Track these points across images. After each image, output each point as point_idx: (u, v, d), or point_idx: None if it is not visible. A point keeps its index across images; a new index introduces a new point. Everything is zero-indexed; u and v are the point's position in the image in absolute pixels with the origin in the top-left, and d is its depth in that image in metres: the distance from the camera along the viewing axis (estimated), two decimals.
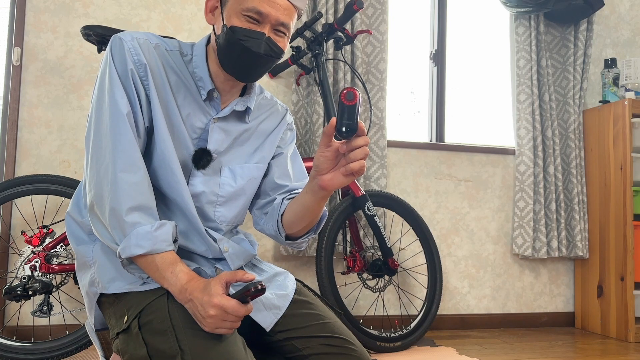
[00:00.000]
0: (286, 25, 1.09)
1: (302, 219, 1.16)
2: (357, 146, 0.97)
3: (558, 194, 3.08)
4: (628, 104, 2.93)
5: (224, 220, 1.19)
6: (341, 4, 2.75)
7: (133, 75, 1.07)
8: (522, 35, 3.12)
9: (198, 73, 1.13)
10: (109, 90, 1.06)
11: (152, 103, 1.08)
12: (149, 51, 1.10)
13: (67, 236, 1.16)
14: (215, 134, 1.15)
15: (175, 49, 1.15)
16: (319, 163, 1.01)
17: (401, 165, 2.97)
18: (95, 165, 1.04)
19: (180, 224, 1.11)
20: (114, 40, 1.08)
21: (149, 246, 0.99)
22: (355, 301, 2.74)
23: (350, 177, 1.00)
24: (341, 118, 0.94)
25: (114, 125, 1.04)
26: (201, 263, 1.14)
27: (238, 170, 1.19)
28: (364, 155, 0.97)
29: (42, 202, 2.26)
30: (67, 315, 2.34)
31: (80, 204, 1.14)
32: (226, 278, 0.96)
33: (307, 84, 2.73)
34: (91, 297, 1.11)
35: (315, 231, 1.23)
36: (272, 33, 1.08)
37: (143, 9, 2.62)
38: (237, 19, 1.06)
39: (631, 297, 2.85)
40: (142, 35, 1.11)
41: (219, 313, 0.92)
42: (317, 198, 1.08)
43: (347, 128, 0.94)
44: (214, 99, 1.15)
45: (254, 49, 1.06)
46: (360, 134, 0.96)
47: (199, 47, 1.16)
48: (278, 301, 1.11)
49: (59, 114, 2.47)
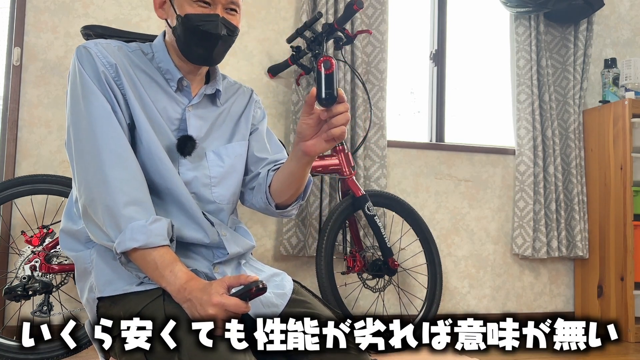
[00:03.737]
0: (236, 3, 1.14)
1: (289, 186, 1.20)
2: (338, 112, 1.00)
3: (558, 194, 3.08)
4: (628, 104, 2.93)
5: (223, 200, 1.21)
6: (341, 4, 2.75)
7: (105, 77, 1.09)
8: (522, 35, 3.12)
9: (164, 67, 1.17)
10: (83, 97, 1.08)
11: (129, 100, 1.11)
12: (114, 53, 1.13)
13: (63, 251, 1.17)
14: (192, 121, 1.18)
15: (136, 49, 1.18)
16: (302, 130, 1.04)
17: (401, 165, 2.97)
18: (83, 171, 1.06)
19: (175, 212, 1.12)
20: (78, 50, 1.11)
21: (143, 240, 0.99)
22: (355, 301, 2.74)
23: (331, 142, 1.03)
24: (320, 87, 0.98)
25: (95, 128, 1.05)
26: (199, 252, 1.14)
27: (222, 151, 1.22)
28: (345, 121, 1.01)
29: (42, 202, 2.26)
30: (67, 315, 2.34)
31: (73, 216, 1.15)
32: (229, 281, 0.96)
33: (307, 84, 2.73)
34: (91, 304, 1.11)
35: (303, 197, 1.26)
36: (224, 13, 1.13)
37: (143, 9, 2.62)
38: (189, 7, 1.10)
39: (631, 297, 2.85)
40: (104, 41, 1.15)
41: (219, 312, 0.92)
42: (302, 164, 1.12)
43: (327, 96, 0.97)
44: (184, 87, 1.18)
45: (212, 31, 1.10)
46: (340, 100, 0.99)
47: (158, 44, 1.20)
48: (276, 300, 1.12)
49: (59, 114, 2.47)
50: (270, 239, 2.77)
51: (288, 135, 2.73)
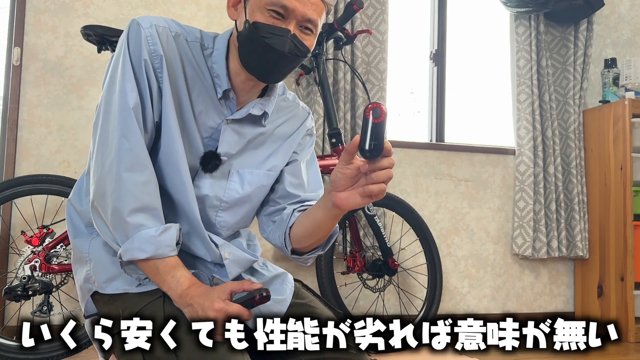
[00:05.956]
0: (313, 22, 1.01)
1: (311, 235, 1.09)
2: (381, 167, 0.89)
3: (558, 194, 3.08)
4: (628, 104, 2.93)
5: (224, 226, 1.14)
6: (341, 4, 2.75)
7: (147, 65, 1.01)
8: (522, 35, 3.12)
9: (216, 69, 1.07)
10: (120, 80, 1.01)
11: (164, 97, 1.03)
12: (167, 41, 1.03)
13: (67, 223, 1.13)
14: (227, 136, 1.09)
15: (196, 40, 1.08)
16: (337, 179, 0.93)
17: (401, 165, 2.97)
18: (101, 158, 1.01)
19: (182, 224, 1.08)
20: (132, 25, 1.02)
21: (151, 251, 0.97)
22: (355, 301, 2.74)
23: (367, 199, 0.91)
24: (365, 136, 0.85)
25: (122, 119, 0.99)
26: (201, 262, 1.12)
27: (247, 176, 1.13)
28: (388, 179, 0.89)
29: (42, 202, 2.26)
30: (66, 315, 2.34)
31: (82, 192, 1.10)
32: (232, 287, 0.95)
33: (307, 84, 2.73)
34: (85, 292, 1.09)
35: (323, 248, 1.15)
36: (297, 30, 1.01)
37: (143, 9, 2.62)
38: (261, 14, 1.00)
39: (631, 297, 2.85)
40: (162, 22, 1.04)
41: (220, 317, 0.92)
42: (330, 215, 1.01)
43: (372, 148, 0.86)
44: (230, 98, 1.09)
45: (277, 47, 0.99)
46: (386, 154, 0.88)
47: (221, 40, 1.09)
48: (275, 307, 1.10)
49: (59, 114, 2.47)
50: None
51: None
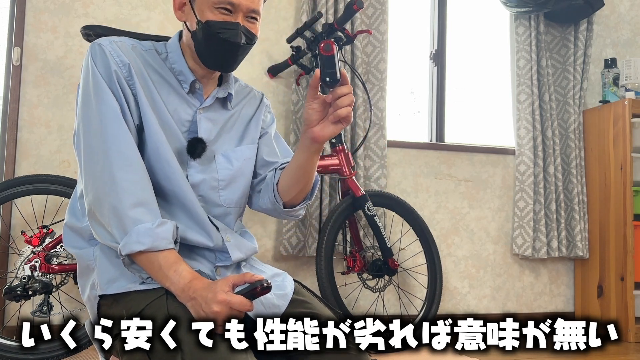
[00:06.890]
0: (257, 12, 1.14)
1: (297, 181, 1.20)
2: (342, 94, 1.02)
3: (558, 194, 3.08)
4: (628, 104, 2.93)
5: (230, 203, 1.21)
6: (341, 4, 2.75)
7: (117, 76, 1.09)
8: (522, 35, 3.12)
9: (177, 68, 1.17)
10: (94, 95, 1.08)
11: (139, 101, 1.11)
12: (128, 52, 1.12)
13: (66, 248, 1.17)
14: (203, 123, 1.18)
15: (150, 49, 1.18)
16: (308, 116, 1.06)
17: (401, 165, 2.97)
18: (90, 169, 1.06)
19: (180, 215, 1.12)
20: (92, 47, 1.11)
21: (149, 243, 1.00)
22: (355, 301, 2.74)
23: (338, 124, 1.05)
24: (323, 69, 1.00)
25: (105, 127, 1.06)
26: (202, 255, 1.14)
27: (231, 154, 1.22)
28: (350, 102, 1.02)
29: (42, 202, 2.26)
30: (66, 315, 2.34)
31: (77, 212, 1.15)
32: (234, 280, 0.96)
33: (307, 84, 2.73)
34: (92, 302, 1.11)
35: (310, 197, 1.26)
36: (245, 21, 1.13)
37: (143, 9, 2.62)
38: (211, 13, 1.10)
39: (631, 297, 2.85)
40: (118, 38, 1.14)
41: (223, 309, 0.93)
42: (310, 153, 1.13)
43: (330, 78, 1.00)
44: (197, 90, 1.18)
45: (232, 39, 1.11)
46: (343, 82, 1.01)
47: (173, 44, 1.19)
48: (277, 300, 1.12)
49: (59, 114, 2.47)
50: (270, 239, 2.77)
51: (288, 135, 2.73)
